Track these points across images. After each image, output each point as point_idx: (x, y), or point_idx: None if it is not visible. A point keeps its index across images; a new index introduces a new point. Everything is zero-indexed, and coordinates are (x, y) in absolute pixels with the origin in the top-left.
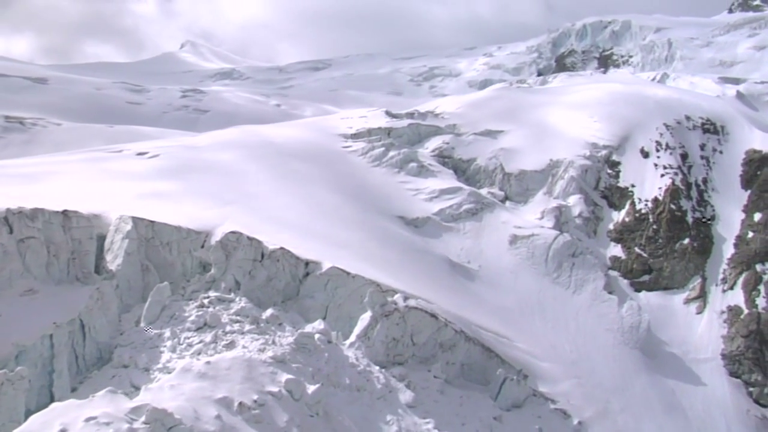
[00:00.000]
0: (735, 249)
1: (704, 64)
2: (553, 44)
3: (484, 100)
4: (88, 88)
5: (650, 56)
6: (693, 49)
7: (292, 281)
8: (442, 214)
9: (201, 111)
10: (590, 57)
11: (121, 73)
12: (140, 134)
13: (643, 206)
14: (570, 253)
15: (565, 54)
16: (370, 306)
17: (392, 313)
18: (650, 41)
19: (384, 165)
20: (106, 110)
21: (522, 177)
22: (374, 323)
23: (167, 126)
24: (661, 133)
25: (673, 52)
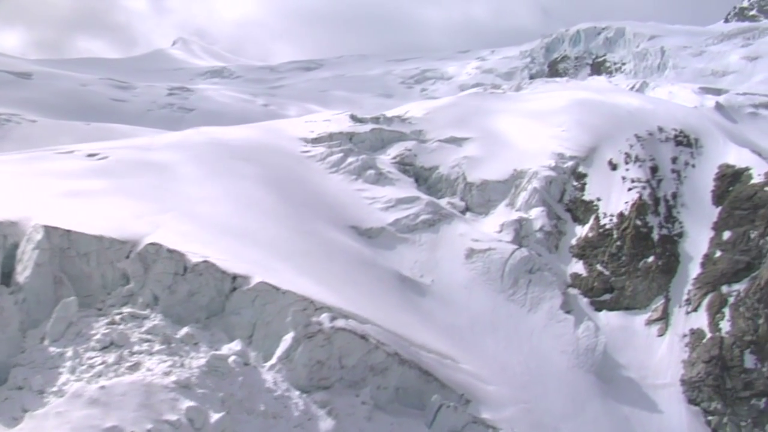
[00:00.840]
0: (701, 269)
1: (696, 74)
2: (546, 49)
3: (454, 105)
4: (72, 83)
5: (642, 64)
6: (685, 58)
7: (218, 296)
8: (398, 224)
9: (186, 110)
10: (583, 63)
11: (109, 68)
12: (116, 132)
13: (608, 221)
14: (527, 269)
15: (558, 59)
16: (293, 326)
17: (316, 335)
18: (643, 49)
19: (342, 171)
20: (89, 107)
21: (484, 187)
22: (296, 345)
23: (151, 124)
24: (632, 144)
25: (666, 60)
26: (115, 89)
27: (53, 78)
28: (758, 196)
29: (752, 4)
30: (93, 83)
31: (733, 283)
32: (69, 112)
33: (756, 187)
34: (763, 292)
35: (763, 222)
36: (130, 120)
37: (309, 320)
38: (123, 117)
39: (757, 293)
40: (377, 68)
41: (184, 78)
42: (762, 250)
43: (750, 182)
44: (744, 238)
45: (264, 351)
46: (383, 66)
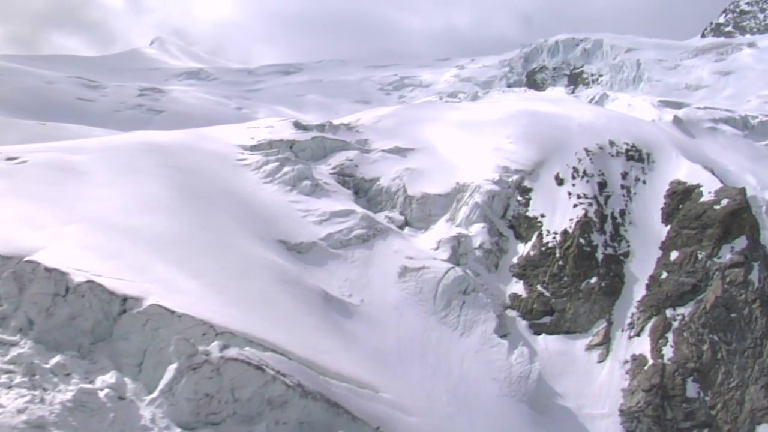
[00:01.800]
0: (646, 291)
1: (670, 87)
2: (524, 59)
3: (404, 113)
4: (37, 81)
5: (618, 76)
6: (660, 71)
7: (104, 320)
8: (330, 239)
9: (156, 111)
10: (561, 74)
11: (82, 67)
12: (73, 134)
13: (551, 239)
14: (461, 289)
15: (537, 70)
16: (176, 356)
17: (202, 366)
18: (620, 61)
19: (276, 182)
20: (53, 106)
21: (424, 201)
22: (179, 376)
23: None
24: (580, 158)
25: (641, 73)
26: (83, 88)
27: (18, 74)
28: (707, 215)
29: (728, 20)
30: (60, 81)
31: (678, 307)
32: (29, 110)
33: (705, 205)
34: (709, 317)
35: (710, 242)
36: (95, 121)
37: (194, 349)
38: (88, 117)
39: (702, 317)
40: (356, 74)
41: (158, 79)
42: (709, 272)
43: (700, 200)
44: (691, 258)
45: (153, 382)
46: (362, 72)
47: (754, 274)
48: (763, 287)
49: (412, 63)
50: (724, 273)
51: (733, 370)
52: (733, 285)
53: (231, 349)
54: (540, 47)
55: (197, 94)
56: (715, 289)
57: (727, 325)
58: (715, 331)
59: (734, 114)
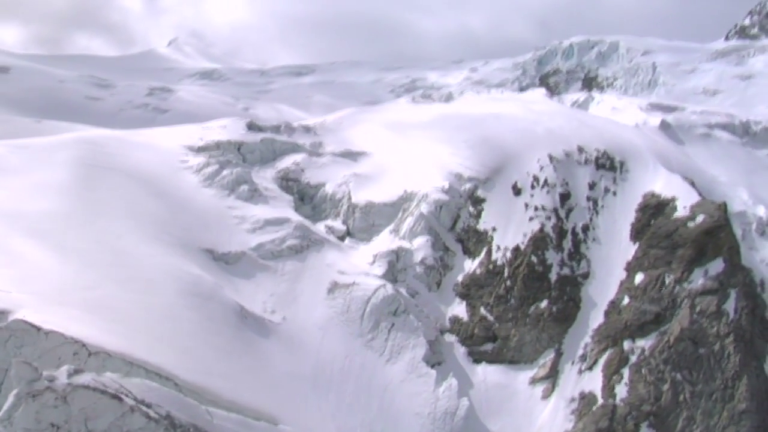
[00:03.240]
0: (605, 318)
1: (687, 92)
2: (538, 62)
3: (365, 115)
4: (49, 80)
5: (633, 80)
6: (677, 75)
7: None
8: (261, 249)
9: (161, 110)
10: (575, 77)
11: (98, 66)
12: (62, 131)
13: (501, 256)
14: (390, 310)
15: (550, 73)
16: (16, 381)
17: (42, 393)
18: (635, 64)
19: (215, 185)
20: (60, 104)
21: (368, 210)
22: (18, 403)
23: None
24: (542, 166)
25: (656, 77)
26: (94, 87)
27: (31, 73)
28: (679, 233)
29: (754, 22)
30: (71, 80)
31: (637, 339)
32: (35, 108)
33: (678, 222)
34: (672, 352)
35: (680, 265)
36: (99, 119)
37: (36, 374)
38: (93, 116)
39: (665, 352)
40: (368, 76)
41: (172, 78)
42: (676, 299)
43: (673, 216)
44: (657, 283)
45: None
46: (374, 74)
47: (729, 303)
48: (740, 319)
49: (424, 65)
50: (694, 301)
51: (697, 415)
52: (704, 315)
53: (84, 374)
54: (554, 50)
55: (205, 93)
56: (682, 320)
57: (693, 363)
58: (679, 368)
59: (734, 119)
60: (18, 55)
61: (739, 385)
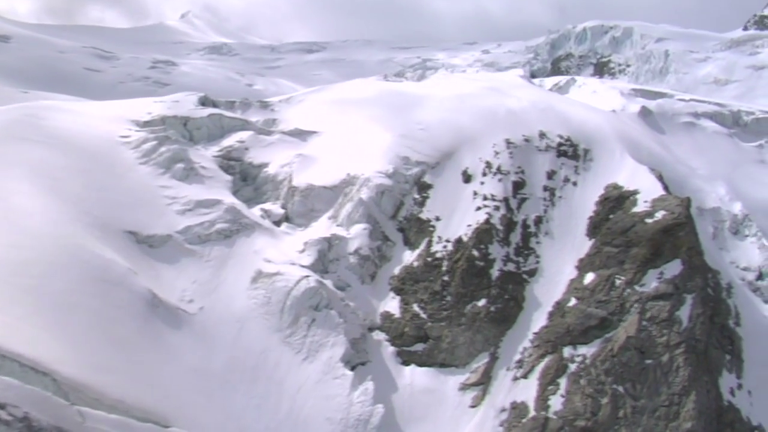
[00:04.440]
0: (548, 321)
1: (698, 81)
2: (551, 46)
3: (327, 94)
4: (50, 50)
5: (645, 67)
6: (689, 64)
7: None
8: (188, 232)
9: (161, 84)
10: (587, 62)
11: (104, 38)
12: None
13: (441, 248)
14: (312, 304)
15: (562, 57)
16: None
17: None
18: (648, 51)
19: (151, 163)
20: (57, 75)
21: (308, 193)
22: None
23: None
24: (498, 151)
25: (668, 65)
26: (95, 59)
27: (32, 43)
28: (635, 230)
29: None
30: (73, 51)
31: (579, 345)
32: (32, 79)
33: (636, 217)
34: (616, 362)
35: (634, 265)
36: (95, 92)
37: None
38: (90, 88)
39: (607, 362)
40: (379, 55)
41: (181, 52)
42: (625, 304)
43: (632, 211)
44: (607, 284)
45: None
46: (386, 53)
47: (683, 310)
48: (694, 327)
49: (437, 46)
50: (644, 306)
51: None
52: (654, 322)
53: None
54: (568, 34)
55: (210, 68)
56: (629, 327)
57: (638, 375)
58: (622, 380)
59: (723, 109)
60: (23, 24)
61: (686, 401)
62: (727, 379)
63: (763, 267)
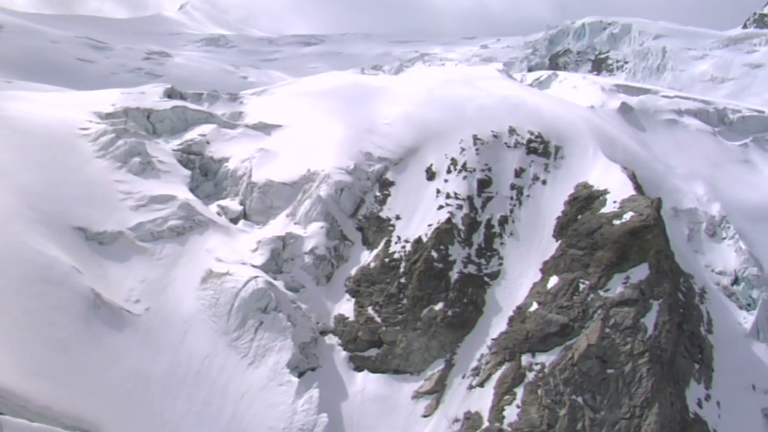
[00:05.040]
0: (508, 326)
1: (695, 78)
2: (549, 41)
3: (298, 86)
4: (42, 40)
5: (642, 64)
6: (686, 61)
7: None
8: (141, 229)
9: (154, 75)
10: (585, 59)
11: (101, 28)
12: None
13: (399, 248)
14: (260, 306)
15: (560, 53)
16: None
17: None
18: (645, 48)
19: (109, 156)
20: (49, 65)
21: (266, 190)
22: None
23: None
24: (464, 148)
25: (666, 62)
26: (88, 49)
27: (24, 33)
28: (601, 233)
29: None
30: (65, 41)
31: (538, 353)
32: (22, 69)
33: (603, 218)
34: (576, 371)
35: (598, 269)
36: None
37: None
38: (80, 79)
39: (566, 371)
40: (377, 48)
41: (177, 43)
42: (588, 310)
43: (600, 211)
44: (570, 288)
45: None
46: (384, 47)
47: (649, 317)
48: (659, 336)
49: (436, 40)
50: (608, 312)
51: None
52: (618, 330)
53: None
54: (566, 30)
55: (204, 60)
56: (591, 334)
57: (598, 385)
58: (581, 391)
59: (709, 106)
60: (15, 13)
61: (648, 414)
62: (695, 389)
63: (739, 271)
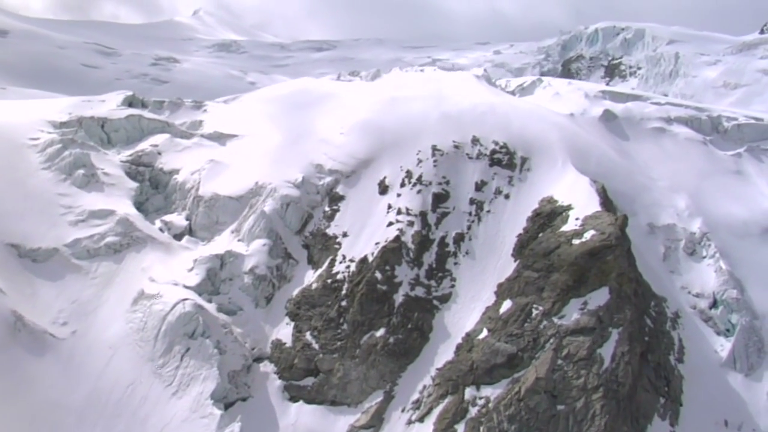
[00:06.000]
0: (454, 355)
1: (707, 84)
2: (562, 47)
3: (265, 92)
4: (48, 46)
5: (655, 69)
6: (698, 66)
7: None
8: (77, 246)
9: (160, 81)
10: (598, 64)
11: (113, 33)
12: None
13: (343, 269)
14: (187, 331)
15: (573, 59)
16: None
17: None
18: (658, 53)
19: (54, 168)
20: (52, 71)
21: (212, 204)
22: None
23: None
24: (421, 159)
25: (678, 68)
26: (95, 55)
27: (30, 38)
28: (558, 253)
29: None
30: (73, 47)
31: (483, 386)
32: (26, 74)
33: (561, 237)
34: (522, 406)
35: (553, 293)
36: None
37: None
38: (85, 85)
39: (512, 406)
40: (389, 54)
41: (188, 49)
42: (540, 338)
43: (560, 229)
44: (523, 314)
45: None
46: (396, 52)
47: (607, 347)
48: (617, 369)
49: (448, 46)
50: (561, 341)
51: None
52: (571, 361)
53: None
54: (579, 35)
55: (213, 65)
56: (541, 366)
57: (546, 422)
58: (527, 429)
59: (701, 114)
60: (25, 18)
61: None
62: (658, 426)
63: (718, 293)
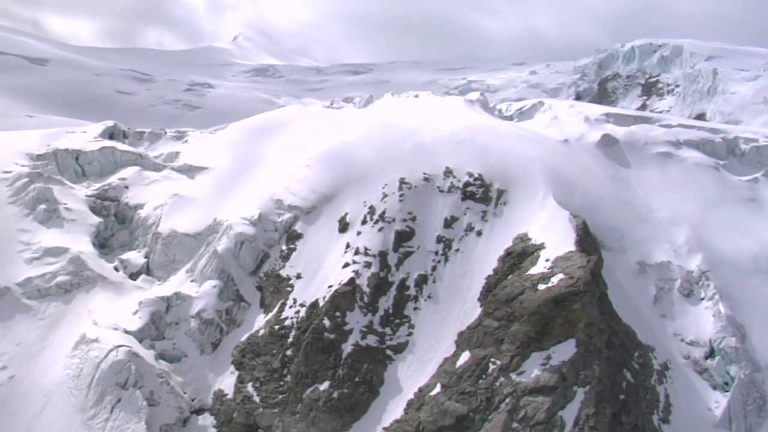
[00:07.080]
0: (404, 413)
1: (746, 101)
2: (598, 66)
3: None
4: (85, 73)
5: (693, 87)
6: (737, 83)
7: None
8: (29, 285)
9: (191, 107)
10: (634, 83)
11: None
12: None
13: (293, 314)
14: (119, 381)
15: (609, 77)
16: None
17: None
18: (696, 70)
19: (19, 203)
20: (88, 98)
21: (170, 241)
22: None
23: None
24: (387, 194)
25: (716, 84)
26: (130, 81)
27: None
28: (520, 300)
29: None
30: (109, 74)
31: None
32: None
33: (527, 281)
34: None
35: (513, 345)
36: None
37: None
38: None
39: None
40: (425, 76)
41: (225, 74)
42: (494, 397)
43: (527, 272)
44: (479, 369)
45: None
46: (432, 74)
47: (570, 409)
48: None
49: (484, 67)
50: (517, 401)
51: None
52: (527, 425)
53: None
54: (615, 53)
55: (246, 90)
56: (492, 430)
57: None
58: None
59: (716, 136)
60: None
61: None
62: None
63: (715, 340)
